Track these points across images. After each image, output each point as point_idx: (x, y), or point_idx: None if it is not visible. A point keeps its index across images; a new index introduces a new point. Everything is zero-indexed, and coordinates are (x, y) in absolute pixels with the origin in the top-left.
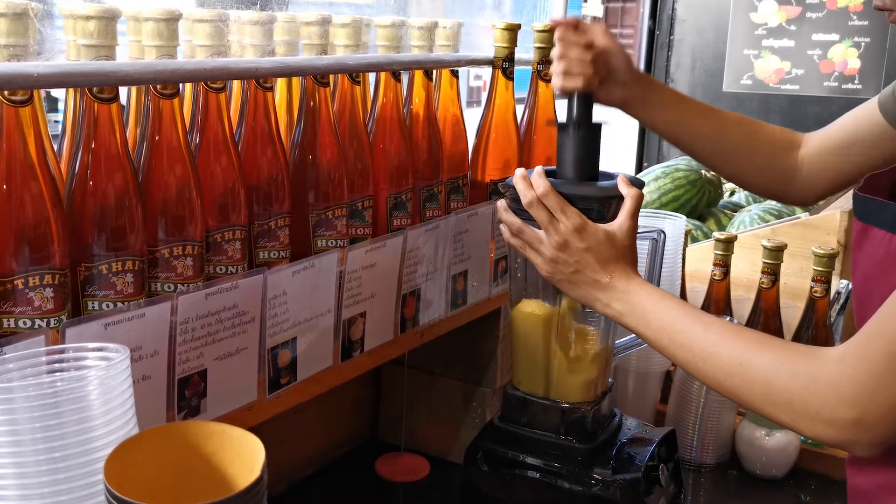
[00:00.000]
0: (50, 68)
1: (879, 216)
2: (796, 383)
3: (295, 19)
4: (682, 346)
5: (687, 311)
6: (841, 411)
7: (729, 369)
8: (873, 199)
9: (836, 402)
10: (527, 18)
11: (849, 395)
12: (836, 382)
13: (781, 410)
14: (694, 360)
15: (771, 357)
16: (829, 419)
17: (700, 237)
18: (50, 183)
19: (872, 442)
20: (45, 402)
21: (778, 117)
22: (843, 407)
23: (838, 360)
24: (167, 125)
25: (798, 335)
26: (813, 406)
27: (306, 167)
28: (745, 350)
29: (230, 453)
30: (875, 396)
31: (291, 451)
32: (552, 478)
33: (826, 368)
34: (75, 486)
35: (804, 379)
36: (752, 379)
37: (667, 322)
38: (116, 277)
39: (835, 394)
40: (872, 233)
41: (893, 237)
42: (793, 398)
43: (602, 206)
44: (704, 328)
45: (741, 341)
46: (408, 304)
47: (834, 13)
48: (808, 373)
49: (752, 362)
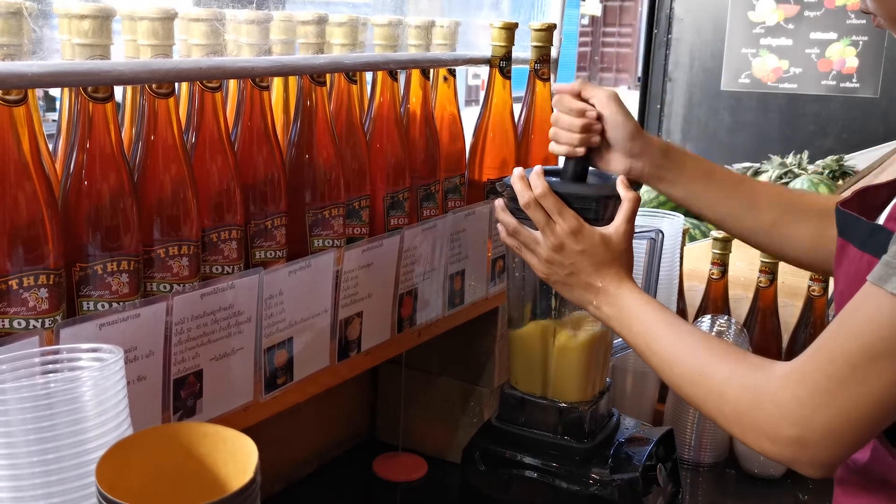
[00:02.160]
0: (44, 68)
1: (852, 231)
2: (745, 397)
3: (291, 18)
4: (655, 352)
5: (664, 318)
6: (783, 429)
7: (690, 378)
8: (848, 214)
9: (778, 419)
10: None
11: (789, 414)
12: (779, 399)
13: (732, 423)
14: (661, 366)
15: (727, 368)
16: (773, 436)
17: (699, 236)
18: (44, 182)
19: (813, 461)
20: (39, 402)
21: (776, 116)
22: (785, 424)
23: (784, 376)
24: (162, 125)
25: (796, 334)
26: (759, 421)
27: (303, 167)
28: (706, 360)
29: (223, 455)
30: (814, 416)
31: (289, 451)
32: (550, 477)
33: (771, 384)
34: (69, 487)
35: (752, 392)
36: (708, 389)
37: (645, 327)
38: (112, 277)
39: (777, 411)
40: (848, 249)
41: (863, 255)
42: (741, 412)
43: (600, 206)
44: (676, 336)
45: (705, 351)
46: (405, 304)
47: (832, 12)
48: (755, 387)
49: (709, 373)
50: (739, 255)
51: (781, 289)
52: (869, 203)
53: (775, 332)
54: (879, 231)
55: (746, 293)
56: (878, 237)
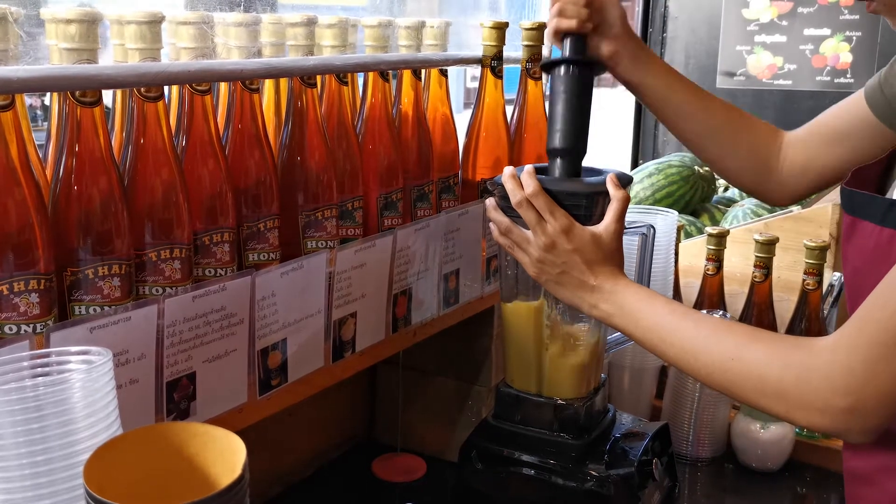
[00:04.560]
0: (30, 73)
1: (868, 209)
2: (789, 375)
3: (281, 20)
4: (673, 344)
5: (675, 309)
6: (835, 400)
7: (721, 364)
8: (861, 193)
9: (829, 392)
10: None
11: (842, 385)
12: (828, 372)
13: (776, 403)
14: (685, 357)
15: (763, 350)
16: (823, 408)
17: (694, 233)
18: (33, 187)
19: (866, 429)
20: (28, 405)
21: (771, 112)
22: (837, 396)
23: (830, 350)
24: (152, 128)
25: (791, 328)
26: (807, 397)
27: (295, 169)
28: (737, 344)
29: (212, 454)
30: (867, 384)
31: (288, 452)
32: (546, 474)
33: (818, 359)
34: (58, 489)
35: (797, 370)
36: (745, 373)
37: (656, 321)
38: (103, 282)
39: (828, 383)
40: (861, 226)
41: (883, 229)
42: (786, 390)
43: (590, 202)
44: (694, 325)
45: (732, 336)
46: (399, 304)
47: (825, 8)
48: (800, 363)
49: (744, 356)
50: (734, 250)
51: (776, 283)
52: (865, 180)
53: (771, 327)
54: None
55: (742, 288)
56: None
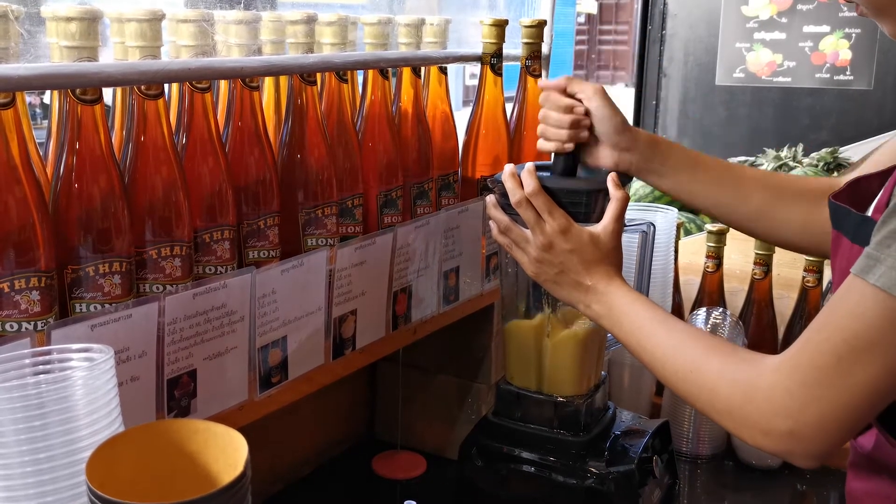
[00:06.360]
0: (31, 70)
1: (846, 224)
2: (736, 392)
3: (280, 18)
4: (646, 349)
5: (654, 315)
6: (776, 422)
7: (682, 374)
8: (841, 207)
9: (771, 414)
10: (515, 14)
11: (782, 407)
12: (769, 393)
13: (725, 418)
14: (655, 364)
15: (717, 364)
16: (765, 430)
17: (694, 230)
18: (34, 185)
19: (809, 453)
20: (29, 402)
21: (770, 110)
22: (778, 418)
23: (773, 370)
24: (152, 126)
25: (791, 325)
26: (752, 416)
27: (295, 166)
28: (697, 356)
29: (214, 450)
30: (806, 408)
31: (289, 451)
32: (547, 471)
33: (762, 378)
34: (61, 486)
35: (743, 387)
36: (699, 385)
37: (636, 325)
38: (104, 279)
39: (769, 405)
40: (842, 241)
41: (854, 247)
42: (733, 407)
43: (590, 200)
44: (667, 332)
45: (696, 347)
46: (399, 301)
47: (824, 5)
48: (746, 381)
49: (701, 368)
50: (734, 247)
51: (777, 280)
52: (861, 194)
53: (771, 324)
54: (868, 223)
55: (742, 286)
56: (867, 229)
